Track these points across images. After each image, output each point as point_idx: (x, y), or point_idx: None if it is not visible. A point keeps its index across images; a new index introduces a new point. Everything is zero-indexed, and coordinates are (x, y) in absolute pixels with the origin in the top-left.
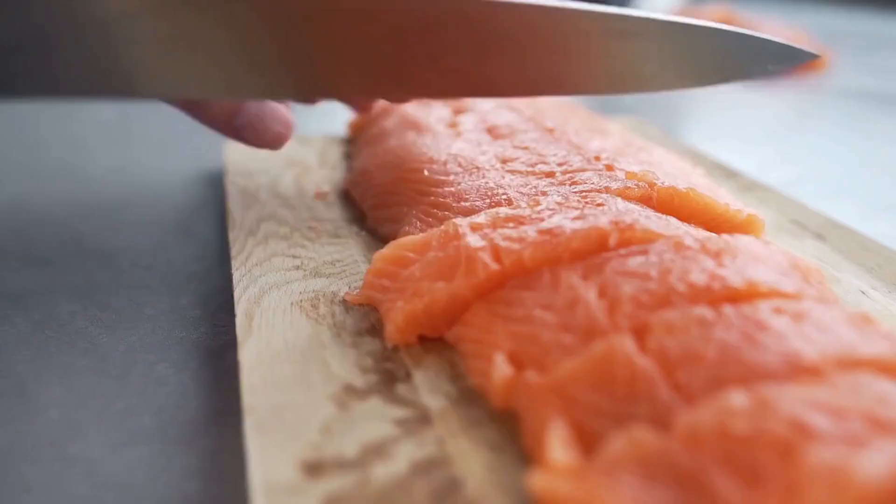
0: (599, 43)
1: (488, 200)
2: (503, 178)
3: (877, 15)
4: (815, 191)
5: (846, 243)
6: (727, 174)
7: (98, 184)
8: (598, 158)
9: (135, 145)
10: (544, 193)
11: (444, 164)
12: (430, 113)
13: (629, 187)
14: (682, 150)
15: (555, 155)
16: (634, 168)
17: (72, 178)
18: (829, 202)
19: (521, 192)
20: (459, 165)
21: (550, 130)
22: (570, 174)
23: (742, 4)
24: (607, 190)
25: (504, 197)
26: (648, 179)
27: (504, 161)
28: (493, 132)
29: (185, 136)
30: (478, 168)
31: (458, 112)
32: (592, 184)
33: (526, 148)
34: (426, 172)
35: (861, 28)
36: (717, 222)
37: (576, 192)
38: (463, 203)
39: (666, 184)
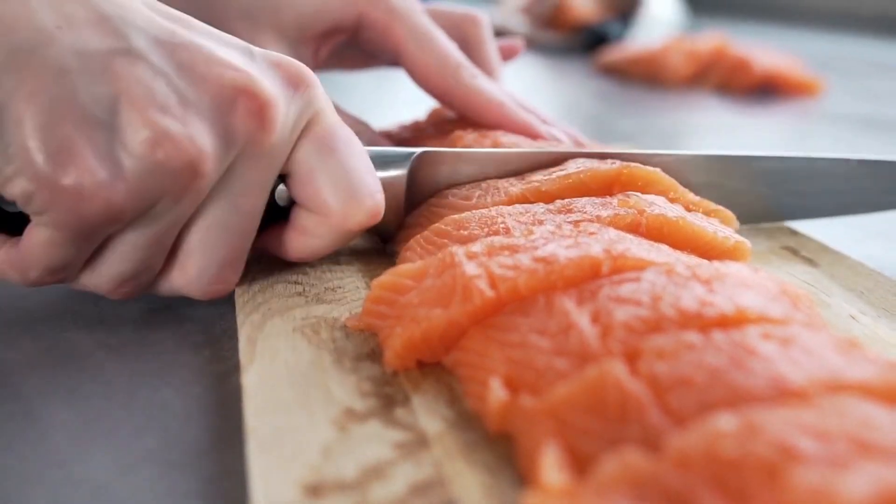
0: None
1: (487, 229)
2: (503, 206)
3: (870, 41)
4: None
5: (837, 268)
6: None
7: None
8: None
9: None
10: (541, 222)
11: (446, 195)
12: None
13: (619, 214)
14: None
15: None
16: None
17: None
18: (821, 227)
19: (519, 221)
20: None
21: None
22: (567, 201)
23: (736, 31)
24: (599, 217)
25: (503, 225)
26: (638, 207)
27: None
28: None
29: None
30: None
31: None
32: (586, 212)
33: None
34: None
35: (854, 54)
36: (705, 249)
37: (569, 221)
38: (462, 231)
39: (655, 212)
